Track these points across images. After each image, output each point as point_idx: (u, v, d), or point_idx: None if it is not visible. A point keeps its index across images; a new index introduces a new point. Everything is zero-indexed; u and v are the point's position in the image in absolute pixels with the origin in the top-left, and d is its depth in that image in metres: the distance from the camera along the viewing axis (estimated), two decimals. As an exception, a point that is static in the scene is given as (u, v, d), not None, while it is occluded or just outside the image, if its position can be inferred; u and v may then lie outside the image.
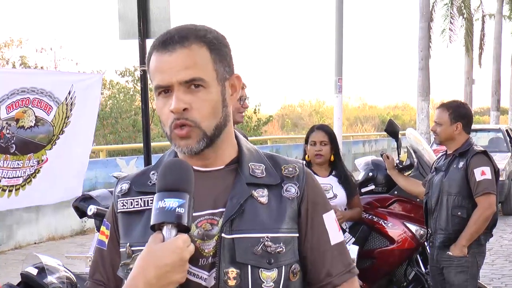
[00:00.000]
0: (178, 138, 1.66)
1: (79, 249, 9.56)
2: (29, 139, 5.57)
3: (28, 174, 5.63)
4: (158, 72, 1.66)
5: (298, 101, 49.12)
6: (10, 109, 5.35)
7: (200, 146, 1.66)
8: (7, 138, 5.39)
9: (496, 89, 30.46)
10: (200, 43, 1.67)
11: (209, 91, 1.66)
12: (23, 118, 5.45)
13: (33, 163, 5.65)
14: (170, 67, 1.64)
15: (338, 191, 5.07)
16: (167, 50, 1.65)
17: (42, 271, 4.17)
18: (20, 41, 22.45)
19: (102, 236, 1.80)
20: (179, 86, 1.63)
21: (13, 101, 5.36)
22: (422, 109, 18.19)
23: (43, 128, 5.65)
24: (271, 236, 1.65)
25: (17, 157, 5.52)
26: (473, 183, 4.62)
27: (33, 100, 5.50)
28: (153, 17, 5.63)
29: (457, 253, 4.67)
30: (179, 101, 1.63)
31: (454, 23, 28.22)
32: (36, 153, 5.66)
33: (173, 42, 1.65)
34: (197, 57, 1.65)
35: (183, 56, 1.64)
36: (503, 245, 10.24)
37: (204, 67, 1.66)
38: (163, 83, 1.65)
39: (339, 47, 14.08)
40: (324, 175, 5.10)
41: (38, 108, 5.55)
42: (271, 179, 1.72)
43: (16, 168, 5.55)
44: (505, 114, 41.99)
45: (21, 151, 5.53)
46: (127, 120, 20.24)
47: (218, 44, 1.70)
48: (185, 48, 1.65)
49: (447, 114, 4.82)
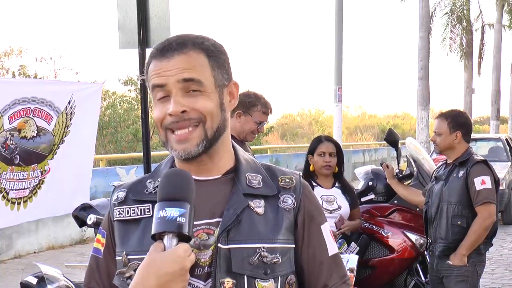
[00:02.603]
0: (175, 142, 1.66)
1: (79, 258, 9.55)
2: (32, 150, 5.57)
3: (33, 185, 5.62)
4: (156, 75, 1.66)
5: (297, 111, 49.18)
6: (12, 119, 5.35)
7: (199, 149, 1.65)
8: (11, 149, 5.38)
9: (496, 98, 30.51)
10: (197, 49, 1.67)
11: (207, 96, 1.66)
12: (25, 128, 5.45)
13: (37, 174, 5.64)
14: (168, 70, 1.64)
15: (342, 203, 5.08)
16: (165, 56, 1.65)
17: (42, 280, 4.16)
18: (20, 50, 22.51)
19: (97, 244, 1.79)
20: (177, 90, 1.63)
21: (15, 111, 5.35)
22: (422, 119, 18.21)
23: (45, 138, 5.65)
24: (267, 247, 1.64)
25: (21, 168, 5.50)
26: (473, 192, 4.61)
27: (34, 110, 5.50)
28: (153, 26, 5.64)
29: (457, 262, 4.66)
30: (178, 104, 1.63)
31: (454, 31, 28.30)
32: (40, 163, 5.65)
33: (171, 49, 1.66)
34: (195, 62, 1.66)
35: (181, 60, 1.65)
36: (503, 254, 10.22)
37: (202, 72, 1.66)
38: (160, 82, 1.64)
39: (338, 57, 14.11)
40: (328, 187, 5.11)
41: (39, 118, 5.55)
42: (268, 190, 1.72)
43: (22, 179, 5.53)
44: (505, 123, 42.03)
45: (25, 161, 5.52)
46: (126, 129, 20.26)
47: (216, 51, 1.71)
48: (183, 54, 1.65)
49: (446, 124, 4.82)
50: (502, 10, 30.40)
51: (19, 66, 21.22)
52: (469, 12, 28.89)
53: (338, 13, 14.22)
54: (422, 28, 18.69)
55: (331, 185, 5.14)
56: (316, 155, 5.13)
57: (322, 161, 5.09)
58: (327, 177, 5.15)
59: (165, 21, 5.66)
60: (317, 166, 5.12)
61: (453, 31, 28.26)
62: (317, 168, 5.12)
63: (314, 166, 5.14)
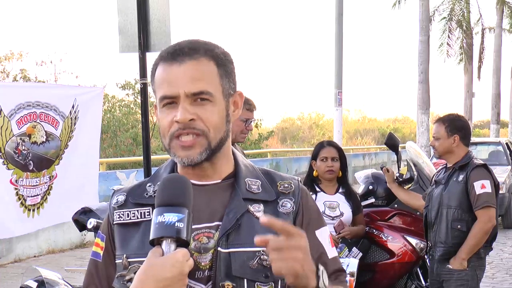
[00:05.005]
0: (179, 149, 1.66)
1: (79, 262, 9.54)
2: (43, 155, 5.59)
3: (44, 191, 5.63)
4: (166, 82, 1.65)
5: (297, 114, 49.18)
6: (21, 124, 5.36)
7: (202, 157, 1.66)
8: (24, 154, 5.39)
9: (496, 102, 30.52)
10: (208, 57, 1.68)
11: (214, 105, 1.66)
12: (34, 134, 5.46)
13: (46, 180, 5.65)
14: (178, 78, 1.64)
15: (345, 209, 5.08)
16: (176, 61, 1.65)
17: (42, 284, 4.16)
18: (20, 54, 22.49)
19: (96, 248, 1.79)
20: (185, 98, 1.64)
21: (21, 116, 5.37)
22: (422, 122, 18.21)
23: (53, 143, 5.67)
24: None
25: (34, 174, 5.52)
26: (473, 196, 4.61)
27: (40, 115, 5.51)
28: (153, 30, 5.64)
29: (457, 266, 4.66)
30: (186, 112, 1.63)
31: (452, 37, 28.30)
32: (48, 169, 5.66)
33: (183, 54, 1.66)
34: (205, 71, 1.66)
35: (192, 68, 1.64)
36: (503, 259, 10.22)
37: (212, 81, 1.66)
38: (170, 94, 1.65)
39: (339, 60, 14.13)
40: (331, 192, 5.13)
41: (46, 123, 5.56)
42: (267, 195, 1.73)
43: (35, 186, 5.55)
44: (505, 127, 42.05)
45: (38, 167, 5.54)
46: (126, 133, 20.26)
47: (225, 60, 1.72)
48: (194, 61, 1.65)
49: (444, 128, 4.83)
50: (502, 14, 30.41)
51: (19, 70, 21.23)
52: (469, 14, 28.89)
53: (338, 17, 14.24)
54: (422, 32, 18.69)
55: (334, 191, 5.15)
56: (319, 160, 5.14)
57: (325, 166, 5.10)
58: (330, 183, 5.16)
59: (165, 25, 5.66)
60: (320, 171, 5.13)
61: (451, 36, 28.24)
62: (321, 173, 5.13)
63: (317, 172, 5.15)
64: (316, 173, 5.16)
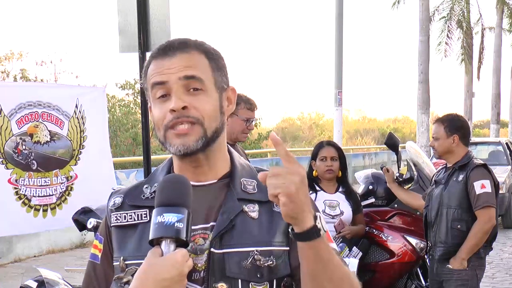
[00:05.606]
0: (174, 137, 1.65)
1: (79, 262, 9.54)
2: (50, 155, 5.58)
3: (61, 192, 5.63)
4: (157, 73, 1.66)
5: (297, 114, 49.20)
6: (21, 124, 5.36)
7: (198, 145, 1.65)
8: (25, 154, 5.39)
9: (496, 102, 30.51)
10: (199, 51, 1.69)
11: (207, 95, 1.67)
12: (37, 133, 5.46)
13: (62, 180, 5.65)
14: (169, 68, 1.65)
15: (345, 208, 5.10)
16: (167, 55, 1.66)
17: (42, 284, 4.16)
18: (20, 54, 22.47)
19: (95, 250, 1.79)
20: (178, 87, 1.64)
21: (22, 116, 5.38)
22: (422, 122, 18.21)
23: (60, 143, 5.67)
24: (261, 250, 1.64)
25: (41, 174, 5.51)
26: (473, 196, 4.61)
27: (42, 114, 5.52)
28: (153, 30, 5.65)
29: (456, 266, 4.66)
30: (179, 100, 1.63)
31: (452, 37, 28.28)
32: (62, 169, 5.66)
33: (173, 48, 1.67)
34: (197, 61, 1.67)
35: (183, 59, 1.66)
36: (503, 258, 10.22)
37: (204, 71, 1.67)
38: (161, 79, 1.65)
39: (339, 60, 14.13)
40: (331, 192, 5.15)
41: (49, 122, 5.57)
42: (263, 196, 1.69)
43: (45, 186, 5.53)
44: (505, 127, 42.01)
45: (44, 167, 5.54)
46: (126, 133, 20.25)
47: (215, 55, 1.73)
48: (186, 53, 1.67)
49: (443, 128, 4.84)
50: (502, 14, 30.39)
51: (19, 70, 21.21)
52: (469, 14, 28.88)
53: (338, 17, 14.24)
54: (422, 32, 18.69)
55: (334, 190, 5.17)
56: (318, 160, 5.16)
57: (324, 166, 5.12)
58: (330, 182, 5.18)
59: (165, 25, 5.66)
60: (319, 171, 5.15)
61: (450, 36, 28.22)
62: (320, 173, 5.15)
63: (317, 171, 5.17)
64: (315, 173, 5.18)
